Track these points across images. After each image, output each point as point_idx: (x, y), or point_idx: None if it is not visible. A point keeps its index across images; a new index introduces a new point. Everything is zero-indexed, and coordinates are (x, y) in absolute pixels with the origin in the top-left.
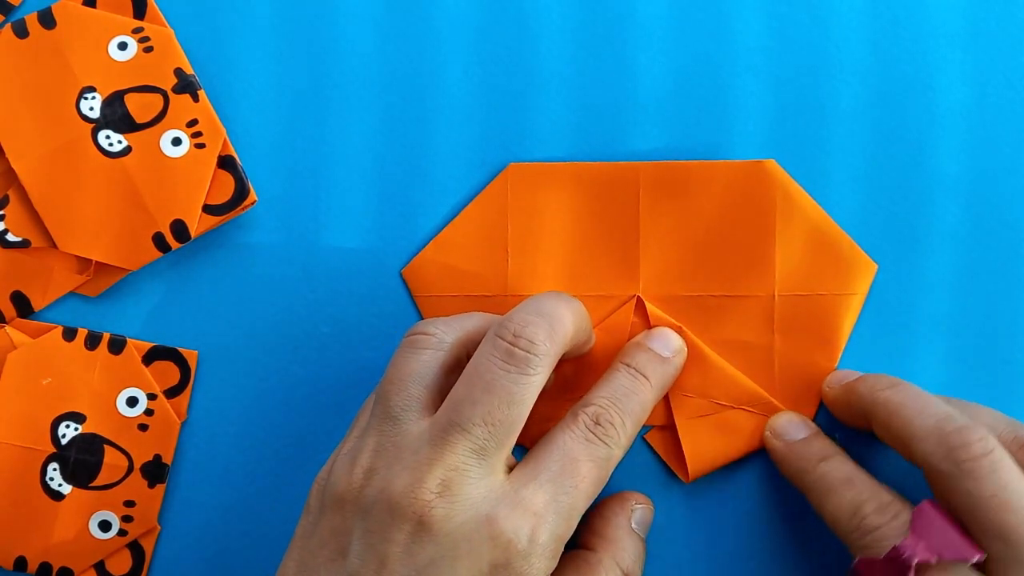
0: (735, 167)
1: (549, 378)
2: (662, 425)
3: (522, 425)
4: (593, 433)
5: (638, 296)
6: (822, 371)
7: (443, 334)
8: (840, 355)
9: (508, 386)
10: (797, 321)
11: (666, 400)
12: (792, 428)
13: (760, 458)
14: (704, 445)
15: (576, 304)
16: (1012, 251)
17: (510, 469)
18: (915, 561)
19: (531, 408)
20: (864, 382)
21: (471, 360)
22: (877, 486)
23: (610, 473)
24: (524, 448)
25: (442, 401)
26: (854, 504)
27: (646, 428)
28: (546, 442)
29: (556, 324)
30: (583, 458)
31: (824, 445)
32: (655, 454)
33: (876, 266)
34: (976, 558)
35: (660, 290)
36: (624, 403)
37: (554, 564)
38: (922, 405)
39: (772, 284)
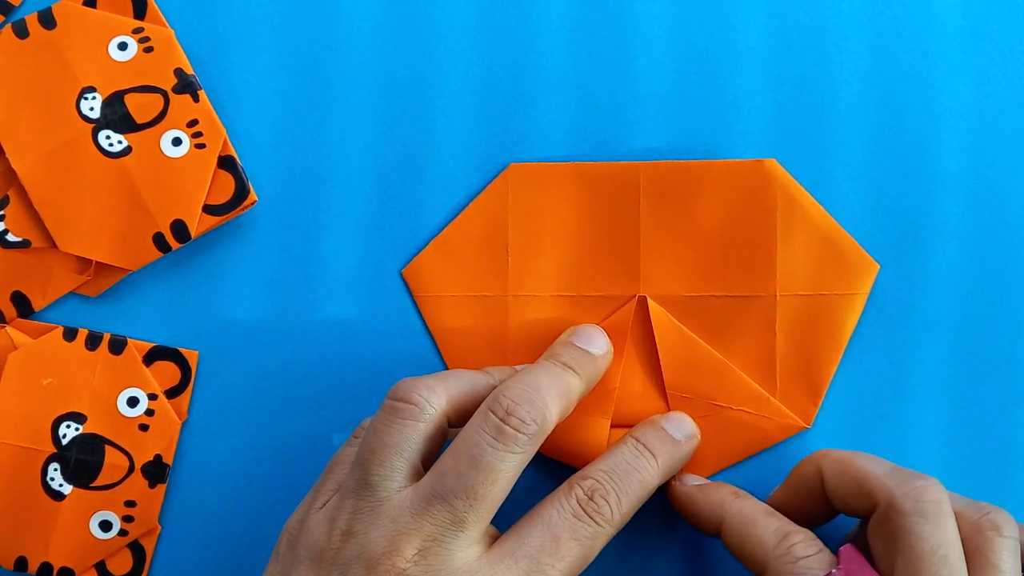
0: (736, 167)
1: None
2: None
3: (503, 499)
4: (584, 510)
5: (641, 296)
6: (823, 371)
7: (427, 404)
8: (841, 355)
9: (494, 463)
10: (799, 321)
11: (665, 401)
12: (694, 479)
13: (758, 460)
14: (703, 446)
15: (571, 380)
16: (1014, 250)
17: (492, 539)
18: None
19: (514, 483)
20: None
21: (462, 431)
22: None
23: (596, 551)
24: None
25: (422, 467)
26: (782, 531)
27: None
28: (533, 514)
29: (550, 403)
30: (566, 536)
31: (734, 487)
32: None
33: (878, 266)
34: None
35: (661, 290)
36: (624, 479)
37: None
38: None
39: (774, 284)
